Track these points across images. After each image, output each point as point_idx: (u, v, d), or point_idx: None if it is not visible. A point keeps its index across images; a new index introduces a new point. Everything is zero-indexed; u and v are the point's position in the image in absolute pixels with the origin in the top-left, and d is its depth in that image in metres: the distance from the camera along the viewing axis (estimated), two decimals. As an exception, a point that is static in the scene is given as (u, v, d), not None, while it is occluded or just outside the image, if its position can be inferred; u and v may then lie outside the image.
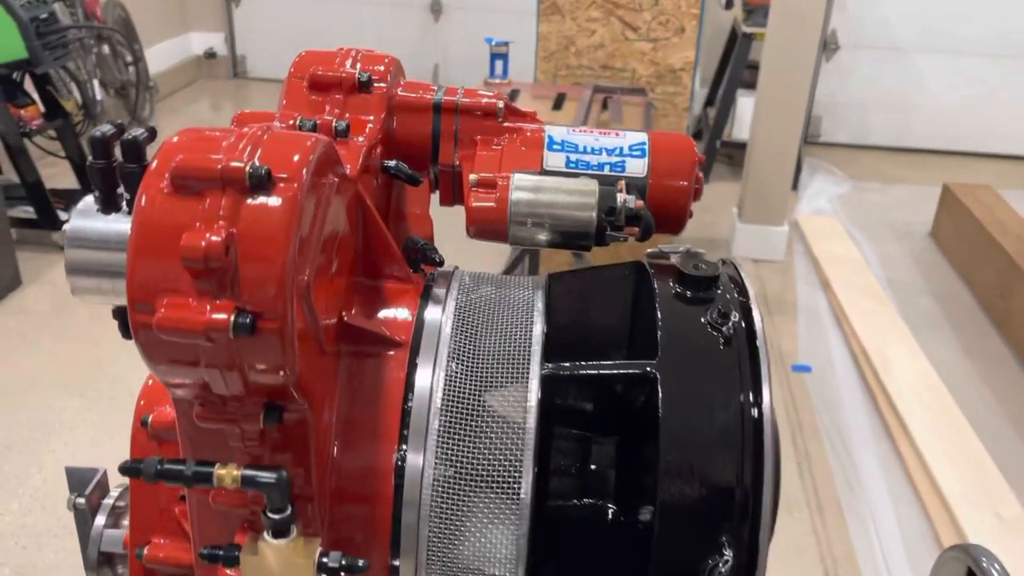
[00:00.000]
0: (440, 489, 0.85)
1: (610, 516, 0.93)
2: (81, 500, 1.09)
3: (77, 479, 1.11)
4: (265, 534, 0.75)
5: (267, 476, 0.74)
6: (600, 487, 0.95)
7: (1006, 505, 3.34)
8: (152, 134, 0.79)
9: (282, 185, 0.70)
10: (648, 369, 0.86)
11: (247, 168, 0.69)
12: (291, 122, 0.87)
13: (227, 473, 0.73)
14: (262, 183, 0.69)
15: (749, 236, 5.03)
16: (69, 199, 5.15)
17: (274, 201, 0.69)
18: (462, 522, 0.86)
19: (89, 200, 0.81)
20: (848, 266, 5.03)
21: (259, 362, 0.71)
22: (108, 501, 1.10)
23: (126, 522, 1.10)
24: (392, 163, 1.02)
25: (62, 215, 4.98)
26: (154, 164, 0.71)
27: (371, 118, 1.03)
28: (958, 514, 3.25)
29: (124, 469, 0.74)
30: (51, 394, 3.87)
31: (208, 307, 0.68)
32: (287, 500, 0.75)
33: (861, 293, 4.70)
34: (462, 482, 0.85)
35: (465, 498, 0.85)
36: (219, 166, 0.69)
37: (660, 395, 0.84)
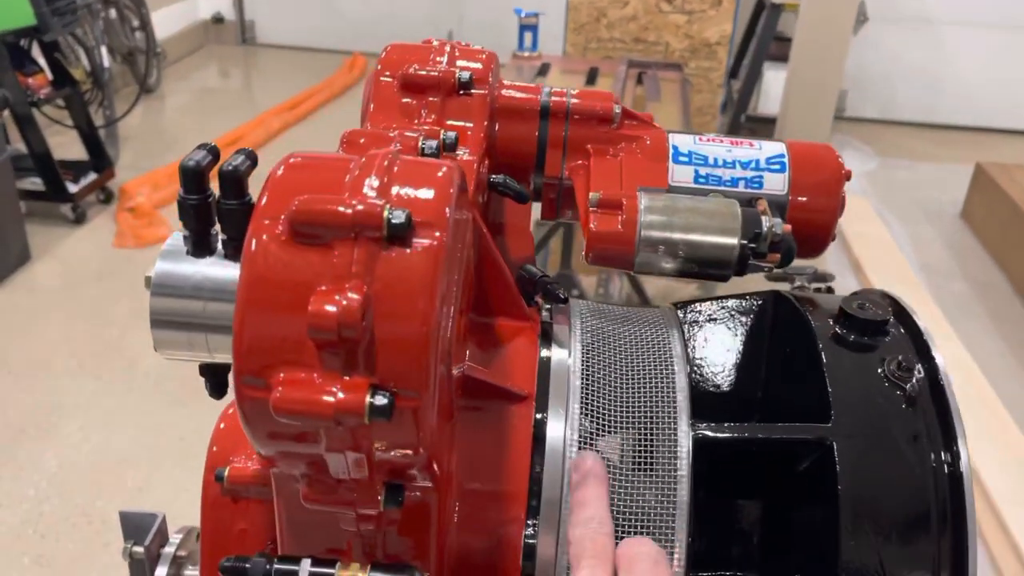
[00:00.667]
0: (578, 573, 0.73)
1: None
2: (139, 549, 0.97)
3: (133, 525, 0.99)
4: (391, 643, 0.63)
5: (400, 582, 0.61)
6: (746, 558, 0.83)
7: (1052, 501, 3.24)
8: (254, 161, 0.65)
9: (423, 231, 0.57)
10: (822, 434, 0.73)
11: (386, 214, 0.55)
12: (414, 141, 0.73)
13: (350, 574, 0.61)
14: (402, 231, 0.56)
15: (779, 215, 4.87)
16: (78, 170, 5.00)
17: (416, 252, 0.56)
18: (600, 608, 0.74)
19: (177, 239, 0.67)
20: (879, 248, 4.89)
21: (392, 443, 0.59)
22: (169, 550, 0.98)
23: (187, 573, 0.98)
24: (500, 178, 0.88)
25: (71, 187, 4.84)
26: (264, 201, 0.58)
27: (471, 125, 0.89)
28: (1003, 512, 3.15)
29: (226, 570, 0.62)
30: (64, 375, 3.75)
31: (338, 387, 0.55)
32: (421, 606, 0.63)
33: (892, 276, 4.57)
34: (602, 565, 0.73)
35: (606, 583, 0.73)
36: (351, 211, 0.55)
37: (838, 467, 0.72)
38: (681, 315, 0.89)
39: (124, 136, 5.88)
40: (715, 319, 0.90)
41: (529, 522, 0.73)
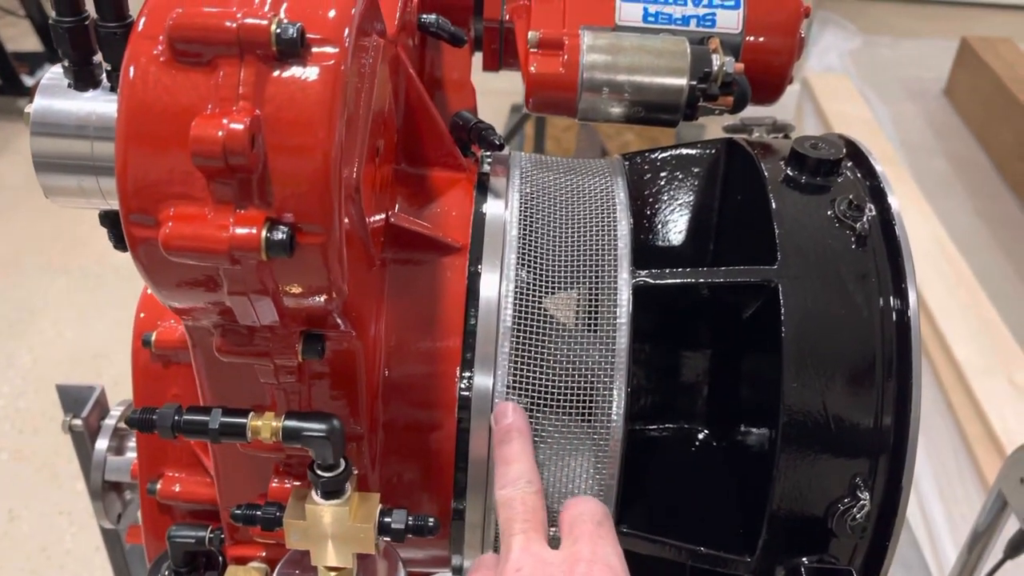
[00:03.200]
0: (514, 423, 0.70)
1: (709, 441, 0.79)
2: (78, 422, 0.94)
3: (71, 398, 0.96)
4: (313, 493, 0.61)
5: (316, 428, 0.58)
6: (692, 409, 0.81)
7: (1021, 372, 3.29)
8: (135, -21, 0.59)
9: (318, 50, 0.52)
10: (768, 277, 0.70)
11: (272, 27, 0.50)
12: None
13: (264, 425, 0.58)
14: (293, 47, 0.50)
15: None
16: (33, 62, 4.80)
17: (310, 71, 0.51)
18: (540, 459, 0.72)
19: (57, 72, 0.61)
20: (860, 127, 4.81)
21: (298, 285, 0.55)
22: (109, 422, 0.95)
23: (132, 445, 0.96)
24: (432, 18, 0.82)
25: (27, 80, 4.65)
26: (141, 22, 0.52)
27: (404, -39, 0.82)
28: (972, 382, 3.19)
29: (133, 422, 0.59)
30: (34, 273, 3.70)
31: (231, 219, 0.50)
32: (341, 454, 0.60)
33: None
34: (540, 414, 0.71)
35: (544, 432, 0.71)
36: (234, 24, 0.50)
37: (783, 310, 0.68)
38: (628, 164, 0.84)
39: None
40: (664, 167, 0.85)
41: (464, 374, 0.70)
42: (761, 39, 0.86)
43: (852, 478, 0.68)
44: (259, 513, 0.62)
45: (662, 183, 0.84)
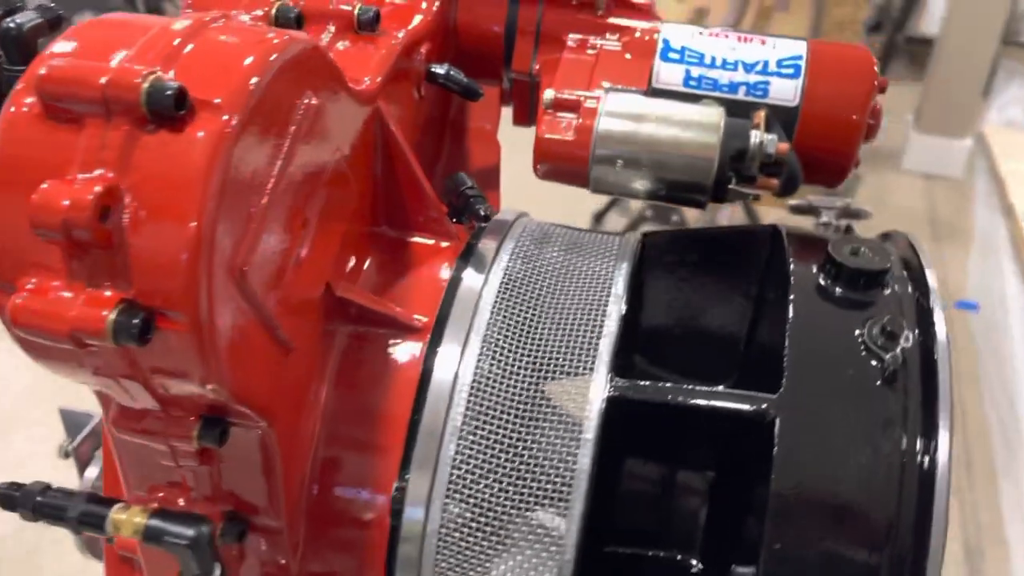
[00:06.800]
0: (450, 539, 0.61)
1: (672, 567, 0.68)
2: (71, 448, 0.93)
3: (73, 423, 0.95)
4: (186, 602, 0.54)
5: (181, 533, 0.52)
6: (687, 538, 0.69)
7: None
8: (54, 20, 0.55)
9: (205, 115, 0.45)
10: (764, 407, 0.58)
11: (144, 85, 0.44)
12: (265, 9, 0.61)
13: (127, 520, 0.52)
14: (168, 110, 0.44)
15: (925, 148, 4.42)
16: None
17: (187, 139, 0.45)
18: (481, 581, 0.63)
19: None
20: (1039, 191, 4.38)
21: (167, 373, 0.49)
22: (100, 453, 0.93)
23: (124, 476, 0.94)
24: (442, 69, 0.74)
25: None
26: (33, 67, 0.47)
27: (422, 4, 0.76)
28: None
29: (-1, 497, 0.54)
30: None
31: (81, 299, 0.45)
32: (211, 564, 0.53)
33: (1051, 224, 4.09)
34: (481, 532, 0.61)
35: (484, 553, 0.62)
36: (105, 79, 0.44)
37: (776, 451, 0.57)
38: (647, 247, 0.74)
39: None
40: (690, 252, 0.74)
41: (403, 475, 0.62)
42: (823, 115, 0.74)
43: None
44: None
45: (682, 273, 0.73)
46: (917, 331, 0.60)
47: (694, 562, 0.69)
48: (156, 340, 0.46)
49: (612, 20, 0.79)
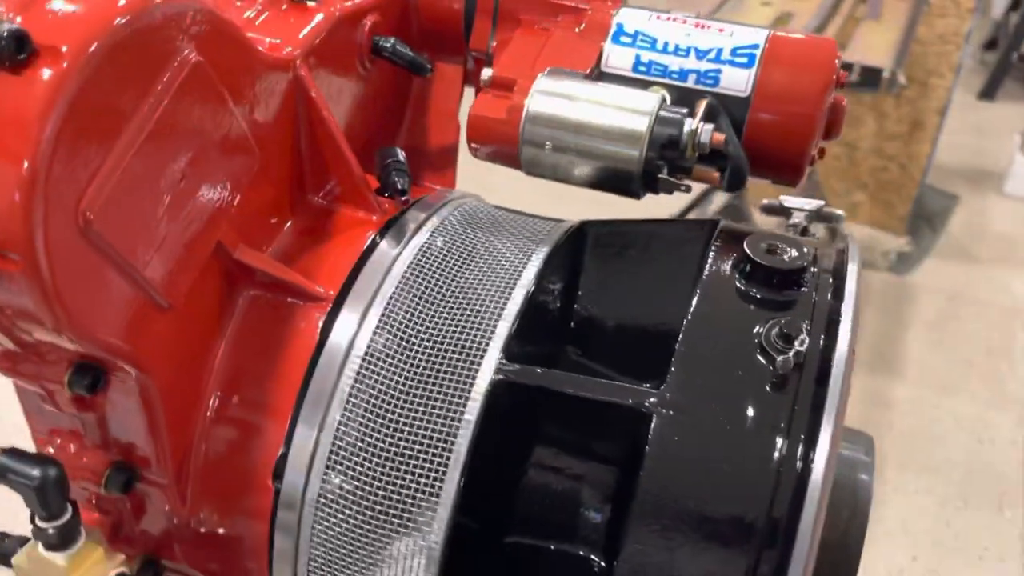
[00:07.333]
0: (328, 510, 0.61)
1: (574, 563, 0.65)
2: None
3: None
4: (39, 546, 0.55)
5: (24, 473, 0.53)
6: (588, 534, 0.67)
7: None
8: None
9: (50, 59, 0.46)
10: (643, 402, 0.56)
11: (-13, 28, 0.45)
12: None
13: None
14: (7, 53, 0.45)
15: (1031, 172, 4.17)
16: None
17: (25, 81, 0.46)
18: (356, 556, 0.62)
19: None
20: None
21: (17, 315, 0.50)
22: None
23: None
24: (388, 42, 0.74)
25: None
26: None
27: (377, -24, 0.75)
28: None
29: None
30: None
31: (-80, 231, 0.46)
32: (59, 507, 0.54)
33: None
34: (357, 505, 0.61)
35: (360, 527, 0.61)
36: (-52, 22, 0.45)
37: (647, 448, 0.54)
38: (578, 234, 0.72)
39: None
40: (621, 242, 0.72)
41: (288, 442, 0.62)
42: (775, 107, 0.70)
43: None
44: (5, 542, 0.58)
45: (604, 262, 0.70)
46: (823, 337, 0.57)
47: (594, 558, 0.67)
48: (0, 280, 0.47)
49: (570, 2, 0.77)
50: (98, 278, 0.51)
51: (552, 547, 0.68)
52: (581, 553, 0.67)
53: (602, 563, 0.66)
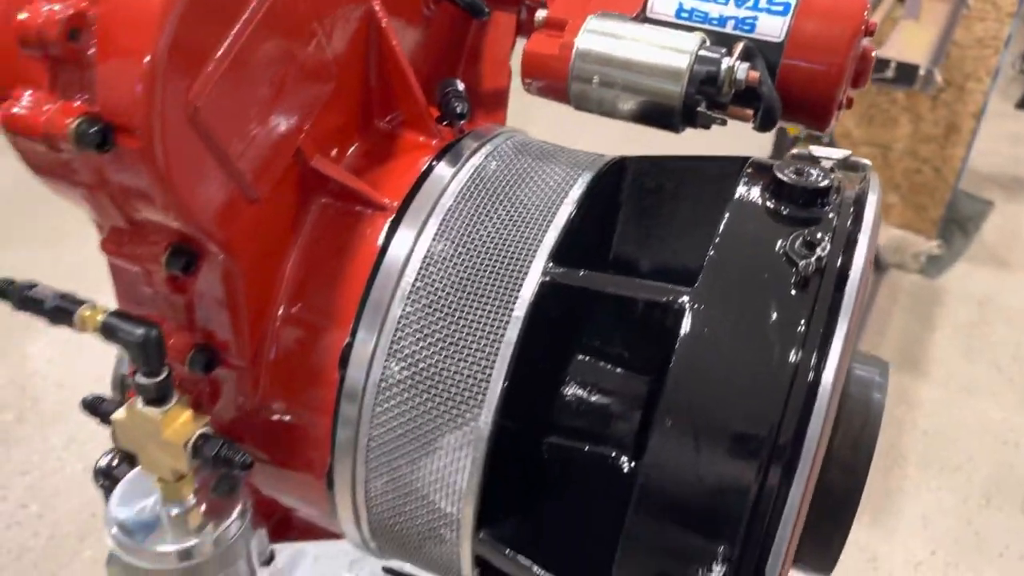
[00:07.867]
0: (388, 393, 0.68)
1: (631, 474, 0.71)
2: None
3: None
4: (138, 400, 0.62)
5: (131, 331, 0.60)
6: (620, 436, 0.73)
7: None
8: None
9: (173, -43, 0.53)
10: (676, 299, 0.62)
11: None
12: None
13: (90, 316, 0.61)
14: (137, -51, 0.52)
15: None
16: None
17: (150, -17, 0.53)
18: (410, 438, 0.68)
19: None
20: None
21: (125, 188, 0.57)
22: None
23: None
24: (447, -15, 0.81)
25: None
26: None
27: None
28: None
29: (-3, 289, 0.64)
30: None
31: (53, 107, 0.53)
32: (157, 364, 0.61)
33: None
34: (414, 389, 0.67)
35: (416, 409, 0.67)
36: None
37: (680, 335, 0.60)
38: (616, 166, 0.78)
39: None
40: (657, 174, 0.77)
41: (354, 332, 0.69)
42: (806, 53, 0.76)
43: (708, 559, 0.58)
44: (103, 403, 0.65)
45: (643, 191, 0.76)
46: (842, 251, 0.62)
47: (625, 459, 0.72)
48: (116, 155, 0.54)
49: (620, -47, 0.83)
50: (201, 163, 0.58)
51: (586, 448, 0.74)
52: (614, 454, 0.73)
53: (632, 463, 0.72)
